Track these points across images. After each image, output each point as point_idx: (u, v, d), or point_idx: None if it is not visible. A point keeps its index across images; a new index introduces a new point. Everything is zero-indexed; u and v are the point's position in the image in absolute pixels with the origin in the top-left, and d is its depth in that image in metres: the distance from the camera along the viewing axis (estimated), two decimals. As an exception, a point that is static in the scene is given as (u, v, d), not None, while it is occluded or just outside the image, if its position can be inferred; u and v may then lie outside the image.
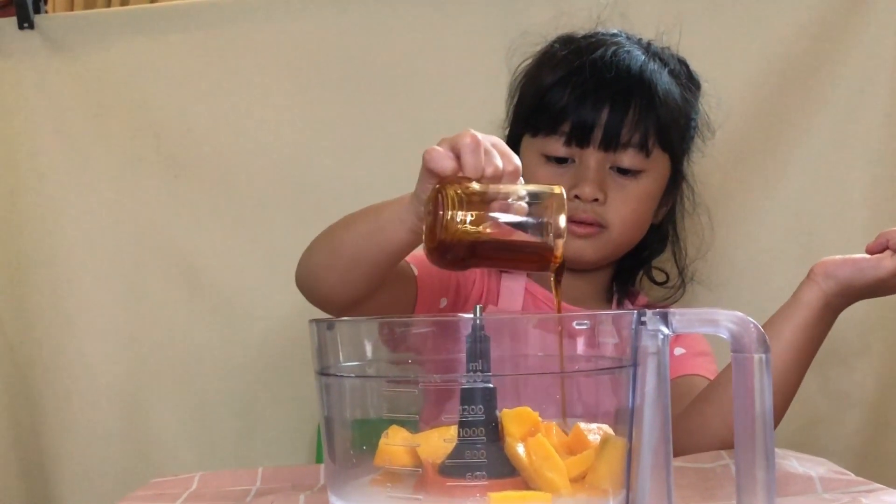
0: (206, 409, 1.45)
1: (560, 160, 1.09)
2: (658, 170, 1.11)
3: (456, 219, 0.70)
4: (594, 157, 1.08)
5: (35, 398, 1.46)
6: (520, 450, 0.57)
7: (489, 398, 0.57)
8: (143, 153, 1.45)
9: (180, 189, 1.45)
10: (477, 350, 0.58)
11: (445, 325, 0.64)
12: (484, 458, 0.56)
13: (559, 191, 0.72)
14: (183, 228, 1.46)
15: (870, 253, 0.92)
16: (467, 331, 0.58)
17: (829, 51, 1.37)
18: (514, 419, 0.58)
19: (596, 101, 1.07)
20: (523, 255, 0.72)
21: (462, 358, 0.58)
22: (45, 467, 1.45)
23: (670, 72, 1.11)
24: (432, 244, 0.71)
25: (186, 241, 1.46)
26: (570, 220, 1.09)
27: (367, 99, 1.43)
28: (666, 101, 1.09)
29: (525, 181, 1.11)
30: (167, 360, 1.45)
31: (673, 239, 1.22)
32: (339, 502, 0.60)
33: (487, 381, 0.58)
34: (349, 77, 1.44)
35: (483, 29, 1.41)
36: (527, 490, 0.56)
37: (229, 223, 1.45)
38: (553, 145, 1.09)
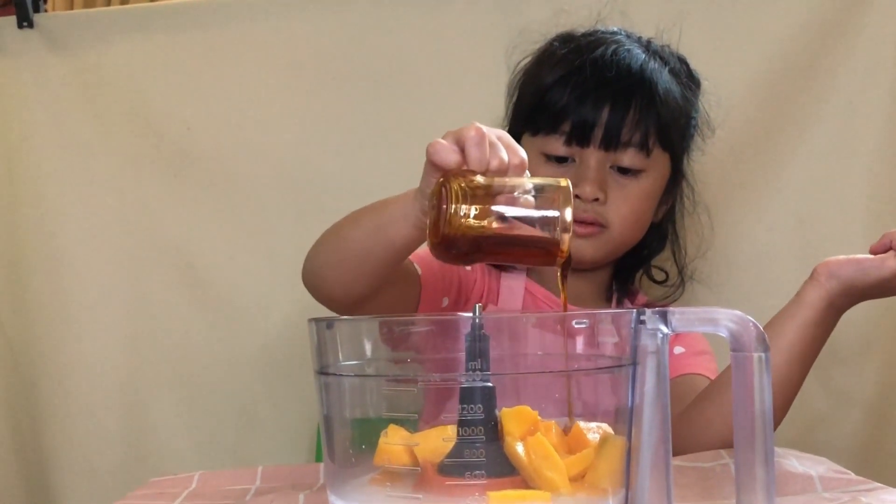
0: (206, 408, 1.45)
1: (560, 159, 1.09)
2: (658, 169, 1.11)
3: (459, 213, 0.68)
4: (594, 157, 1.08)
5: (35, 397, 1.46)
6: (519, 449, 0.56)
7: (488, 397, 0.57)
8: (142, 152, 1.45)
9: (180, 188, 1.46)
10: (476, 349, 0.58)
11: (445, 324, 0.64)
12: (483, 458, 0.56)
13: (565, 183, 0.70)
14: (183, 227, 1.46)
15: (873, 253, 0.91)
16: (467, 330, 0.58)
17: (830, 49, 1.37)
18: (513, 418, 0.58)
19: (596, 100, 1.06)
20: (529, 249, 0.70)
21: (461, 357, 0.58)
22: (44, 466, 1.45)
23: (670, 70, 1.11)
24: (436, 239, 0.69)
25: (186, 240, 1.46)
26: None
27: (367, 97, 1.43)
28: (666, 100, 1.09)
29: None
30: (167, 360, 1.46)
31: (672, 238, 1.22)
32: (339, 501, 0.60)
33: (487, 380, 0.58)
34: (349, 76, 1.44)
35: (483, 27, 1.41)
36: (526, 489, 0.56)
37: (229, 222, 1.45)
38: (553, 144, 1.09)
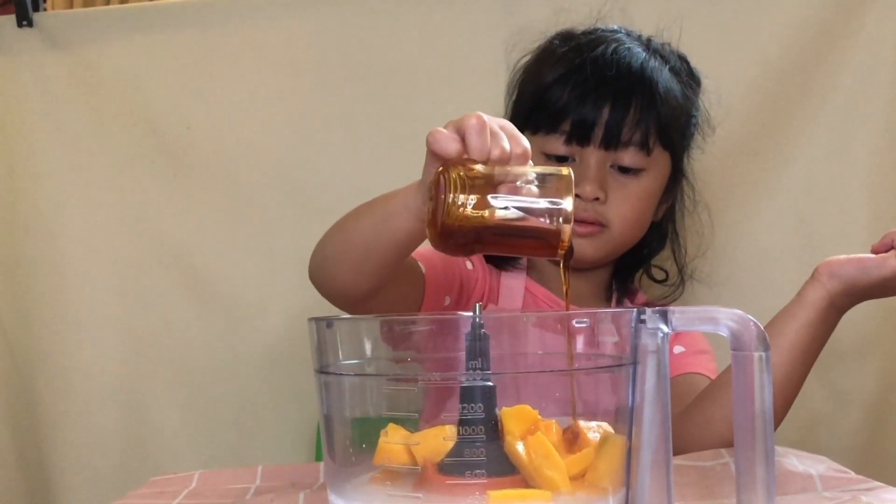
0: (206, 407, 1.45)
1: (560, 158, 1.09)
2: (659, 168, 1.11)
3: (457, 202, 0.66)
4: (595, 156, 1.07)
5: (34, 397, 1.46)
6: (519, 448, 0.56)
7: (489, 396, 0.57)
8: (142, 151, 1.45)
9: (180, 187, 1.45)
10: (476, 348, 0.58)
11: (445, 324, 0.64)
12: (483, 457, 0.56)
13: (567, 172, 0.68)
14: (182, 226, 1.46)
15: (875, 253, 0.91)
16: (467, 329, 0.58)
17: (831, 47, 1.37)
18: (513, 417, 0.57)
19: (597, 99, 1.06)
20: (529, 240, 0.68)
21: (461, 356, 0.58)
22: (44, 466, 1.45)
23: (671, 69, 1.11)
24: (435, 229, 0.68)
25: (186, 239, 1.46)
26: (572, 219, 1.08)
27: (366, 96, 1.43)
28: (667, 98, 1.09)
29: None
30: (167, 359, 1.45)
31: (672, 237, 1.22)
32: (339, 501, 0.60)
33: (487, 380, 0.58)
34: (348, 74, 1.44)
35: (482, 25, 1.41)
36: (526, 488, 0.56)
37: (229, 221, 1.45)
38: (553, 144, 1.09)
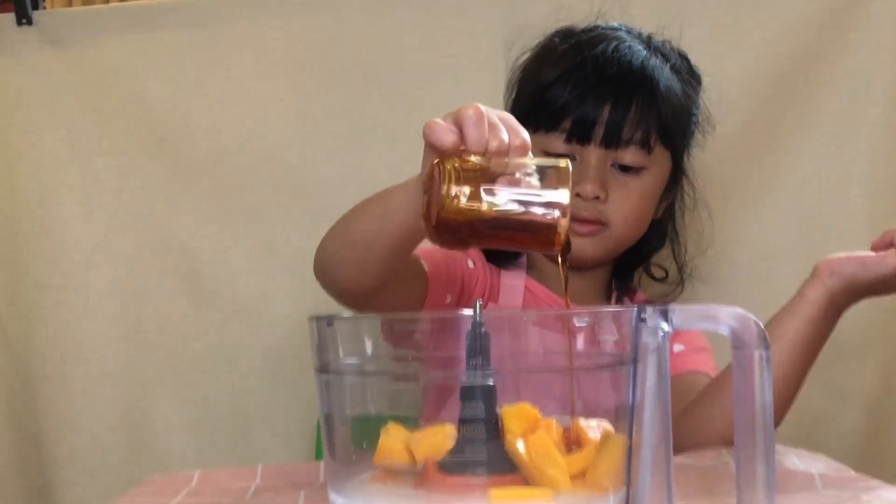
0: (206, 406, 1.45)
1: (560, 157, 1.09)
2: (659, 166, 1.11)
3: (451, 193, 0.65)
4: (595, 155, 1.07)
5: (34, 396, 1.45)
6: (520, 446, 0.56)
7: (489, 395, 0.57)
8: (141, 150, 1.45)
9: (179, 186, 1.45)
10: (477, 347, 0.58)
11: (446, 322, 0.64)
12: (484, 455, 0.56)
13: (565, 164, 0.67)
14: (182, 225, 1.46)
15: (875, 250, 0.91)
16: (467, 327, 0.58)
17: (831, 45, 1.37)
18: (514, 416, 0.57)
19: (597, 98, 1.06)
20: (525, 233, 0.67)
21: (462, 355, 0.58)
22: (44, 465, 1.45)
23: (671, 67, 1.11)
24: (430, 222, 0.67)
25: (186, 238, 1.46)
26: (572, 218, 1.08)
27: (365, 94, 1.43)
28: (668, 97, 1.09)
29: None
30: (167, 358, 1.45)
31: (672, 235, 1.21)
32: (340, 499, 0.60)
33: (488, 378, 0.58)
34: (347, 73, 1.44)
35: (482, 23, 1.41)
36: (527, 487, 0.56)
37: (229, 220, 1.45)
38: (554, 142, 1.08)
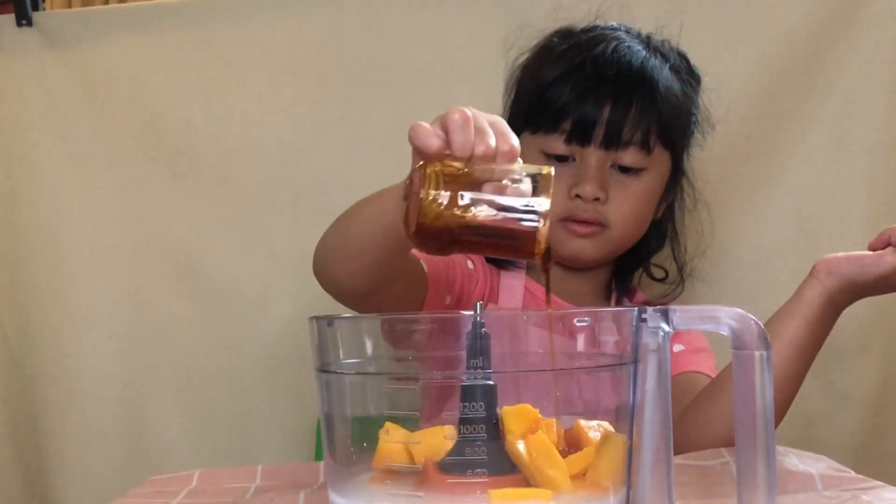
0: (206, 406, 1.45)
1: (560, 158, 1.09)
2: (659, 167, 1.11)
3: (429, 198, 0.63)
4: (595, 156, 1.07)
5: (34, 396, 1.45)
6: (520, 447, 0.56)
7: (490, 395, 0.57)
8: (141, 150, 1.45)
9: (180, 186, 1.45)
10: (477, 347, 0.58)
11: (446, 322, 0.64)
12: (484, 456, 0.56)
13: (548, 171, 0.65)
14: (182, 225, 1.46)
15: (872, 249, 0.91)
16: (468, 328, 0.58)
17: (830, 45, 1.37)
18: (514, 416, 0.57)
19: (597, 98, 1.06)
20: (505, 241, 0.65)
21: (462, 355, 0.58)
22: (43, 465, 1.45)
23: (671, 67, 1.11)
24: (409, 227, 0.65)
25: (186, 239, 1.46)
26: (571, 220, 1.08)
27: (365, 94, 1.43)
28: (667, 97, 1.08)
29: None
30: (166, 358, 1.45)
31: (672, 235, 1.21)
32: (340, 500, 0.60)
33: (488, 378, 0.58)
34: (347, 73, 1.44)
35: (480, 23, 1.41)
36: (527, 487, 0.56)
37: (229, 220, 1.45)
38: (553, 143, 1.08)
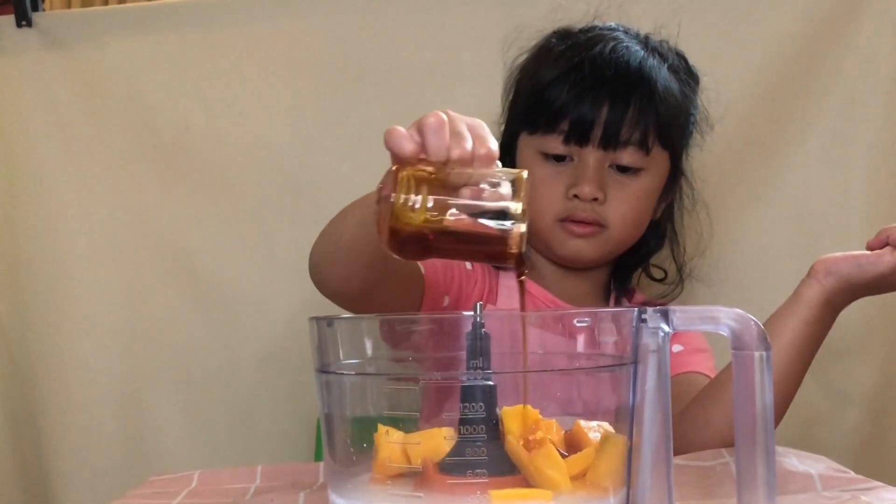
0: (206, 407, 1.45)
1: (558, 158, 1.09)
2: (658, 167, 1.11)
3: (400, 202, 0.63)
4: (593, 156, 1.07)
5: (34, 397, 1.46)
6: (520, 447, 0.56)
7: (489, 396, 0.57)
8: (141, 151, 1.45)
9: (179, 187, 1.45)
10: (477, 347, 0.58)
11: (446, 323, 0.64)
12: (484, 456, 0.56)
13: (522, 175, 0.64)
14: (181, 226, 1.46)
15: (870, 249, 0.91)
16: (467, 328, 0.58)
17: (829, 45, 1.37)
18: (514, 417, 0.58)
19: (595, 98, 1.06)
20: (478, 245, 0.63)
21: (462, 355, 0.58)
22: (43, 465, 1.45)
23: (669, 67, 1.11)
24: (381, 231, 0.64)
25: (185, 239, 1.46)
26: (570, 220, 1.08)
27: (364, 95, 1.43)
28: (666, 97, 1.08)
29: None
30: (166, 359, 1.45)
31: (671, 236, 1.21)
32: (339, 500, 0.60)
33: (488, 379, 0.58)
34: (345, 74, 1.44)
35: (480, 24, 1.41)
36: (527, 488, 0.56)
37: (228, 220, 1.45)
38: (551, 143, 1.08)
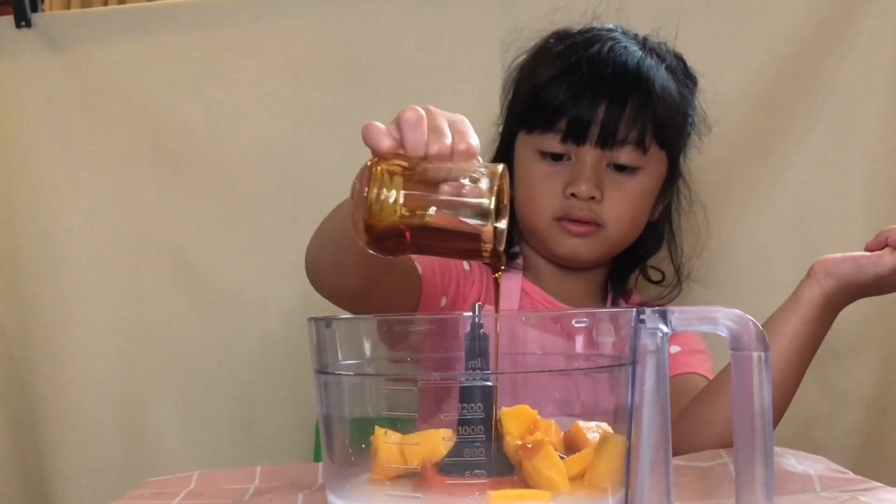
0: (205, 407, 1.45)
1: (556, 157, 1.09)
2: (655, 167, 1.11)
3: (373, 196, 0.62)
4: (591, 155, 1.07)
5: (33, 397, 1.45)
6: (519, 448, 0.56)
7: (488, 396, 0.57)
8: (140, 151, 1.45)
9: (178, 187, 1.45)
10: (476, 348, 0.58)
11: (444, 324, 0.64)
12: (483, 457, 0.56)
13: (499, 169, 0.63)
14: (181, 226, 1.46)
15: (869, 250, 0.91)
16: (465, 329, 0.58)
17: (828, 46, 1.37)
18: (513, 417, 0.58)
19: (593, 97, 1.06)
20: (451, 241, 0.63)
21: (461, 356, 0.58)
22: (43, 466, 1.45)
23: (667, 67, 1.11)
24: (358, 228, 0.63)
25: (184, 240, 1.46)
26: (567, 219, 1.09)
27: (363, 95, 1.43)
28: (663, 97, 1.08)
29: (521, 178, 1.11)
30: (165, 359, 1.45)
31: (669, 237, 1.21)
32: (338, 501, 0.60)
33: (486, 379, 0.58)
34: (345, 74, 1.44)
35: (478, 24, 1.41)
36: (526, 488, 0.56)
37: (227, 221, 1.45)
38: (549, 142, 1.09)
